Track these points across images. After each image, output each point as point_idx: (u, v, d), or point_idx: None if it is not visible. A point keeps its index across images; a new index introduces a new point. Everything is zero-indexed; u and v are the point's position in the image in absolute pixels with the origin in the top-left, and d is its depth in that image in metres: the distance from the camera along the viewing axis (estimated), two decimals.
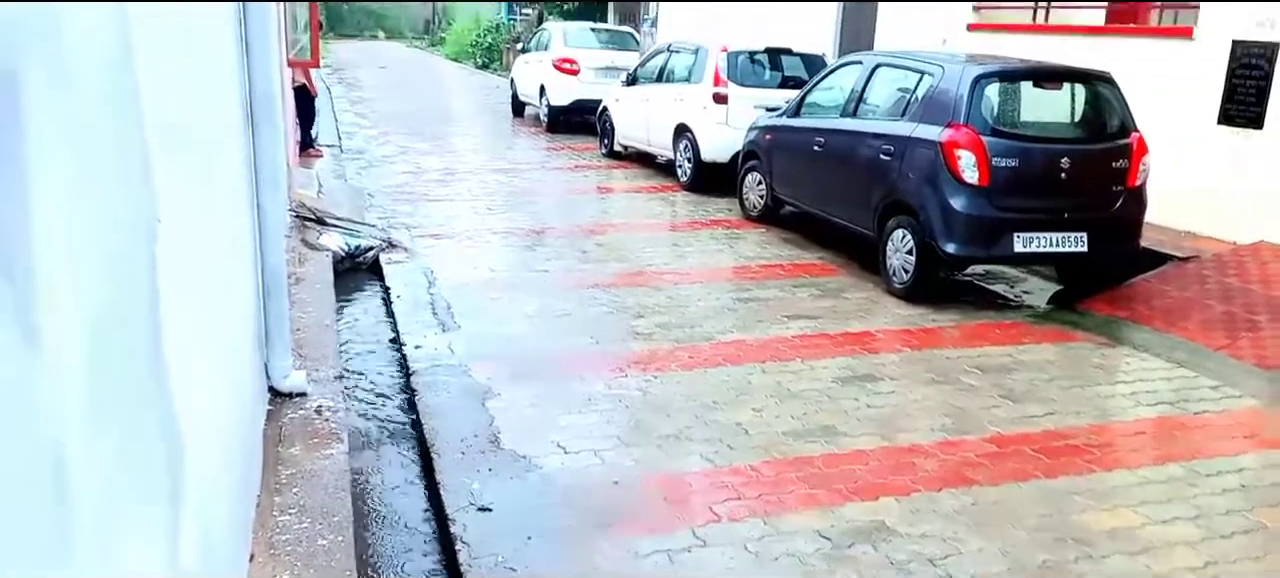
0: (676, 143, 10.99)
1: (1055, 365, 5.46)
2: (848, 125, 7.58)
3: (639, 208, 10.07)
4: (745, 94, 10.22)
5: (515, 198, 9.97)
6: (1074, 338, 5.98)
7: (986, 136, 6.29)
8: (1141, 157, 6.54)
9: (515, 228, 8.51)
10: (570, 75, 15.07)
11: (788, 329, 5.92)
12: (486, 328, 5.71)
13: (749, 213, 9.27)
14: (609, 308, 6.25)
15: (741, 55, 10.52)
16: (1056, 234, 6.36)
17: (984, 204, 6.29)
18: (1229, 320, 6.01)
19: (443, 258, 7.27)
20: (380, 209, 8.86)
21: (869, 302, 6.64)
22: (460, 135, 15.30)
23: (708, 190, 10.41)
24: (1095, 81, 6.75)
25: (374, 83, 25.66)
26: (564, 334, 5.67)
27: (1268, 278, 6.57)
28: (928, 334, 5.96)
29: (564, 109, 15.19)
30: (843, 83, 8.05)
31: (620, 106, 12.63)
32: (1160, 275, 6.90)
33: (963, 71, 6.56)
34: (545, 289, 6.61)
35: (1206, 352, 5.64)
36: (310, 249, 6.52)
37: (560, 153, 13.54)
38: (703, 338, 5.70)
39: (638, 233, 8.68)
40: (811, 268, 7.52)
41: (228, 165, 3.15)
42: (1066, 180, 6.33)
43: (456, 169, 11.66)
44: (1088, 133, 6.80)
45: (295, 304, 5.02)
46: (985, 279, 7.46)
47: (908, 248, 6.67)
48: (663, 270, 7.27)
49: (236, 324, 3.14)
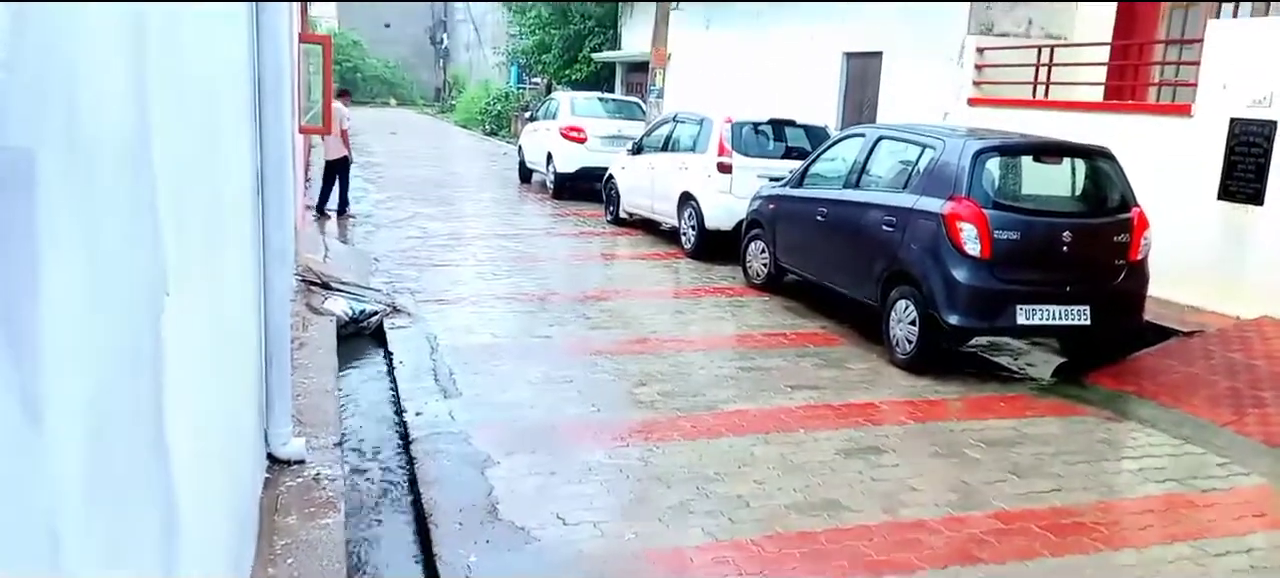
0: (681, 210, 11.08)
1: (1061, 440, 5.42)
2: (850, 196, 7.64)
3: (643, 274, 10.12)
4: (749, 164, 10.34)
5: (520, 263, 10.03)
6: (1079, 412, 5.94)
7: (988, 209, 6.34)
8: (1143, 231, 6.57)
9: (520, 293, 8.54)
10: (577, 143, 15.26)
11: (791, 399, 5.90)
12: (488, 394, 5.70)
13: (752, 281, 9.30)
14: (611, 375, 6.24)
15: (745, 126, 10.67)
16: (1059, 307, 6.36)
17: (986, 276, 6.31)
18: (1235, 396, 5.98)
19: (447, 323, 7.29)
20: (386, 273, 8.91)
21: (872, 372, 6.62)
22: (467, 201, 15.44)
23: (711, 258, 10.46)
24: (1095, 157, 6.82)
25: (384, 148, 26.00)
26: (566, 401, 5.65)
27: (1272, 354, 6.55)
28: (932, 406, 5.93)
29: (570, 176, 15.35)
30: (845, 154, 8.14)
31: (626, 174, 12.77)
32: (1165, 350, 6.88)
33: (964, 145, 6.63)
34: (548, 355, 6.61)
35: (1213, 428, 5.59)
36: (315, 314, 6.55)
37: (566, 219, 13.64)
38: (705, 407, 5.68)
39: (641, 299, 8.71)
40: (815, 337, 7.51)
41: (237, 235, 3.18)
42: (1068, 254, 6.36)
43: (463, 234, 11.75)
44: (1089, 207, 6.85)
45: (297, 369, 5.02)
46: (989, 351, 7.45)
47: (910, 318, 6.67)
48: (666, 338, 7.27)
49: (237, 393, 3.15)
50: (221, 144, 2.83)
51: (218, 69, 2.78)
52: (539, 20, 27.71)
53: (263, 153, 3.99)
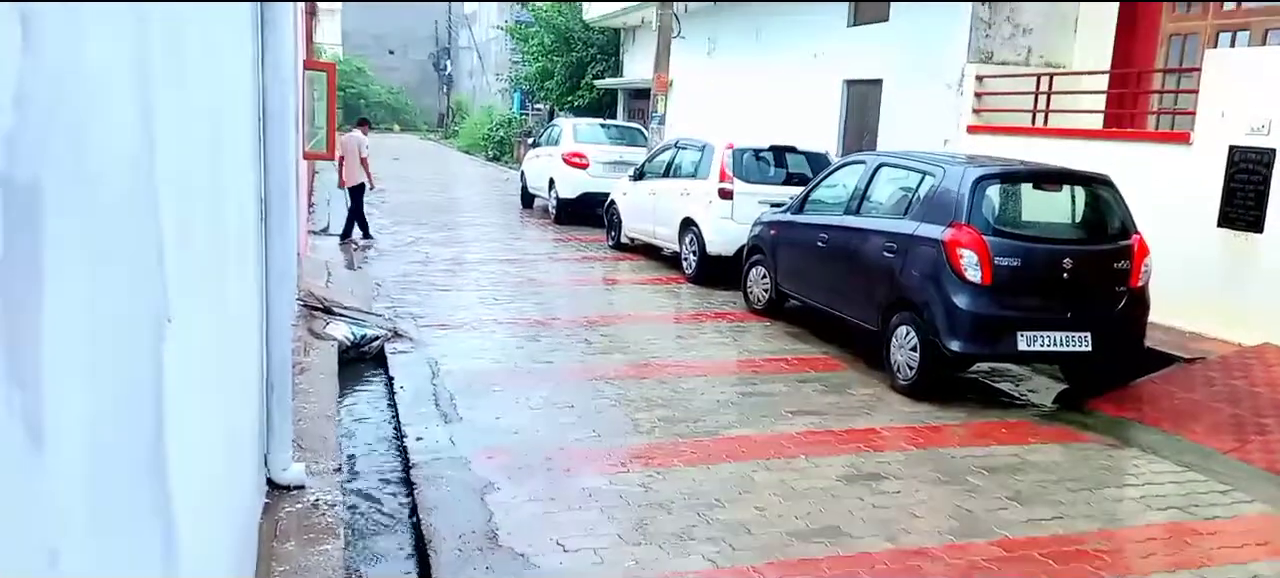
0: (682, 236, 11.11)
1: (1063, 467, 5.40)
2: (851, 222, 7.67)
3: (644, 299, 10.13)
4: (750, 190, 10.38)
5: (522, 288, 10.04)
6: (1081, 439, 5.92)
7: (988, 236, 6.36)
8: (1143, 258, 6.59)
9: (521, 318, 8.55)
10: (579, 169, 15.33)
11: (792, 425, 5.89)
12: (489, 420, 5.69)
13: (753, 306, 9.31)
14: (613, 400, 6.23)
15: (747, 152, 10.72)
16: (1060, 333, 6.36)
17: (987, 302, 6.32)
18: (1237, 423, 5.96)
19: (448, 348, 7.29)
20: (388, 298, 8.93)
21: (874, 398, 6.61)
22: (470, 226, 15.49)
23: (713, 283, 10.48)
24: (1095, 184, 6.84)
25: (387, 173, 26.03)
26: (566, 427, 5.65)
27: (1274, 381, 6.54)
28: (933, 432, 5.92)
29: (572, 201, 15.41)
30: (846, 181, 8.18)
31: (627, 200, 12.82)
32: (1166, 377, 6.87)
33: (964, 172, 6.66)
34: (549, 381, 6.61)
35: (1216, 455, 5.58)
36: (316, 339, 6.56)
37: (567, 244, 13.68)
38: (706, 433, 5.67)
39: (643, 325, 8.71)
40: (816, 362, 7.51)
41: (240, 260, 3.20)
42: (1069, 280, 6.37)
43: (465, 259, 11.78)
44: (1089, 234, 6.87)
45: (298, 394, 5.03)
46: (990, 377, 7.44)
47: (912, 344, 6.67)
48: (667, 363, 7.27)
49: (238, 419, 3.15)
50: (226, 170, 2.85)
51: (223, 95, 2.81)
52: (542, 48, 27.91)
53: (266, 178, 4.02)
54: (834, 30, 14.72)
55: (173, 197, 1.85)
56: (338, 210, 15.04)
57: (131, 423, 1.54)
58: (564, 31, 27.16)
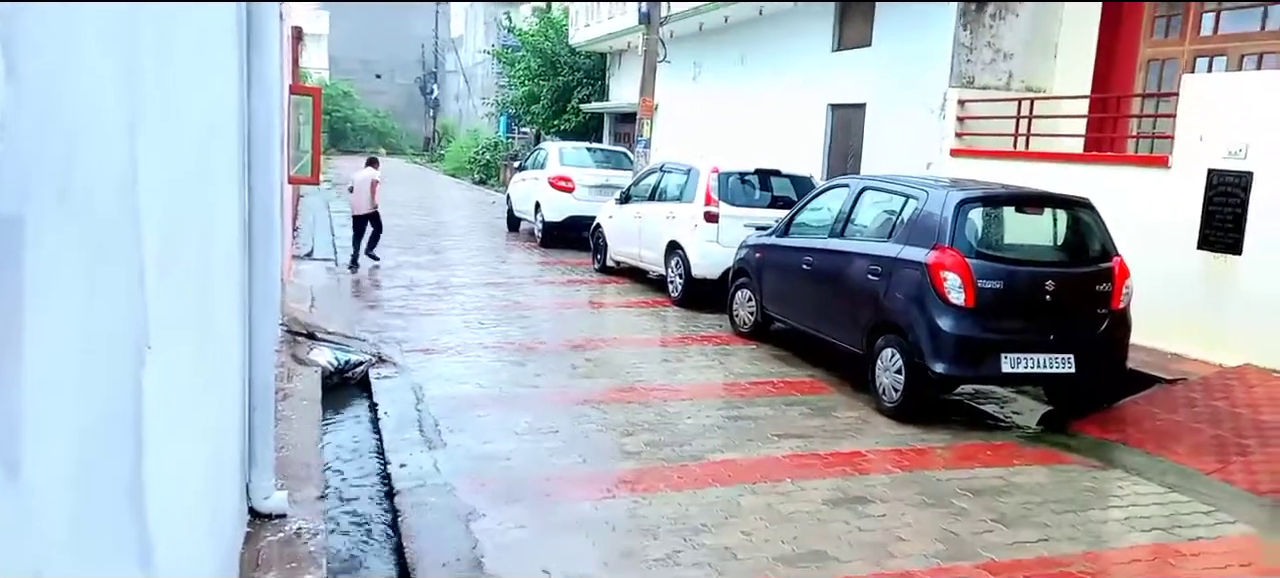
0: (668, 259, 11.13)
1: (1048, 489, 5.42)
2: (836, 245, 7.71)
3: (630, 323, 10.12)
4: (735, 213, 10.42)
5: (507, 312, 10.02)
6: (1066, 460, 5.95)
7: (971, 259, 6.40)
8: (1124, 280, 6.65)
9: (506, 342, 8.53)
10: (565, 192, 15.36)
11: (778, 448, 5.89)
12: (474, 445, 5.66)
13: (739, 329, 9.33)
14: (598, 425, 6.21)
15: (732, 176, 10.77)
16: (1043, 355, 6.40)
17: (971, 325, 6.35)
18: (1219, 444, 6.00)
19: (433, 373, 7.26)
20: (372, 323, 8.89)
21: (860, 421, 6.62)
22: (455, 249, 15.46)
23: (698, 306, 10.49)
24: (1075, 207, 6.91)
25: None
26: (552, 452, 5.62)
27: (1255, 402, 6.59)
28: (919, 455, 5.93)
29: (558, 225, 15.43)
30: (830, 204, 8.23)
31: (613, 223, 12.84)
32: (1149, 398, 6.91)
33: (946, 196, 6.72)
34: (534, 405, 6.59)
35: (1199, 476, 5.61)
36: (299, 364, 6.52)
37: (553, 267, 13.68)
38: (692, 457, 5.66)
39: (628, 348, 8.71)
40: (802, 385, 7.52)
41: (223, 286, 3.18)
42: (1051, 302, 6.41)
43: (450, 283, 11.75)
44: (1070, 256, 6.92)
45: (281, 421, 4.99)
46: (975, 399, 7.47)
47: (897, 367, 6.69)
48: (653, 386, 7.26)
49: (220, 447, 3.12)
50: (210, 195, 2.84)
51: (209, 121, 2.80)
52: (528, 72, 28.03)
53: (251, 203, 4.01)
54: (818, 55, 14.86)
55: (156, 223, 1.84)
56: (322, 235, 15.02)
57: (110, 451, 1.53)
58: (550, 56, 27.29)
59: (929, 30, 12.10)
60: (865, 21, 13.77)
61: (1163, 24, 10.60)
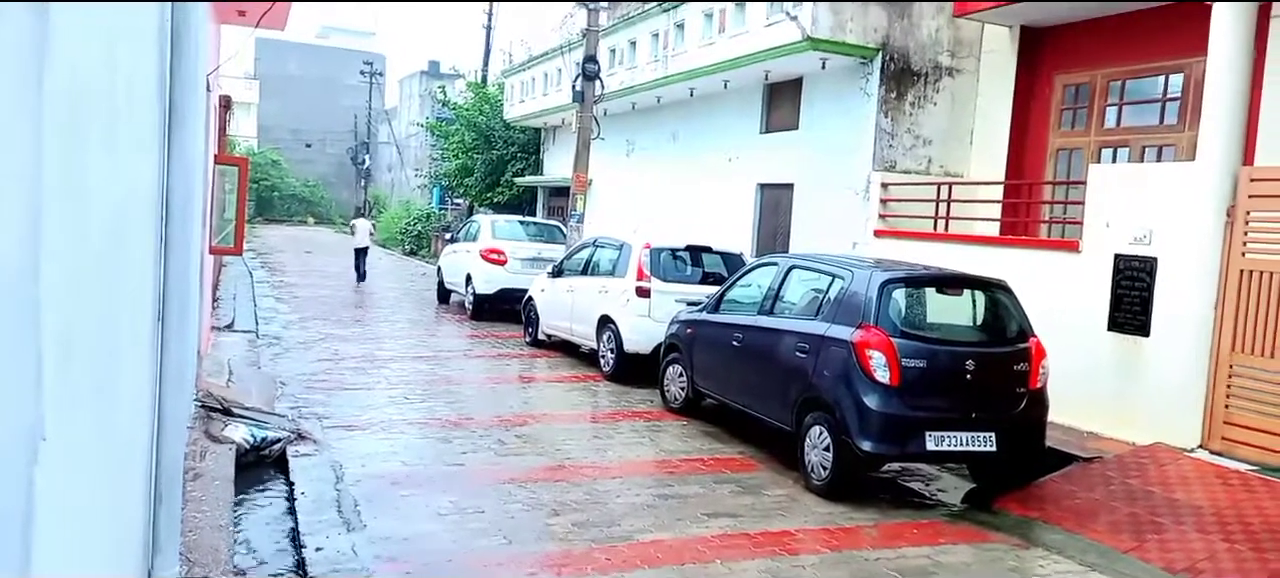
0: (600, 333, 11.12)
1: (973, 568, 5.47)
2: (765, 322, 7.80)
3: (560, 398, 10.03)
4: (667, 288, 10.50)
5: (435, 387, 9.84)
6: (989, 539, 6.03)
7: (896, 338, 6.54)
8: (1040, 360, 6.86)
9: (433, 418, 8.34)
10: (497, 265, 15.32)
11: (708, 528, 5.84)
12: (394, 527, 5.47)
13: (670, 404, 9.31)
14: (525, 505, 6.09)
15: (664, 251, 10.88)
16: (966, 433, 6.53)
17: (896, 403, 6.46)
18: (1135, 522, 6.17)
19: (354, 450, 7.05)
20: (292, 398, 8.62)
21: (789, 499, 6.63)
22: (383, 322, 15.19)
23: (630, 381, 10.46)
24: (994, 289, 7.14)
25: (298, 267, 25.59)
26: (476, 534, 5.47)
27: (1166, 480, 6.81)
28: (847, 534, 5.94)
29: (490, 297, 15.35)
30: (760, 281, 8.35)
31: (545, 297, 12.81)
32: (1067, 476, 7.09)
33: (871, 275, 6.88)
34: (460, 484, 6.43)
35: (1116, 554, 5.74)
36: (213, 441, 6.26)
37: (484, 340, 13.53)
38: (621, 538, 5.57)
39: (558, 424, 8.60)
40: (732, 462, 7.51)
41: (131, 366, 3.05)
42: (972, 382, 6.57)
43: (376, 356, 11.51)
44: (989, 337, 7.13)
45: (189, 503, 4.76)
46: (902, 476, 7.55)
47: (825, 444, 6.75)
48: (582, 464, 7.16)
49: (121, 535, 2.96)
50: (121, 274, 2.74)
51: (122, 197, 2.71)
52: (462, 145, 28.07)
53: (166, 277, 3.88)
54: (747, 136, 15.25)
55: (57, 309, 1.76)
56: (244, 306, 14.63)
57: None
58: (485, 130, 27.42)
59: (852, 116, 12.54)
60: (793, 107, 14.22)
61: (1070, 116, 11.19)
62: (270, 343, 11.84)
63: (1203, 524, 6.01)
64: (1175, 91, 9.94)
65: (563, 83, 20.13)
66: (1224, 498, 6.39)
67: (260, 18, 9.72)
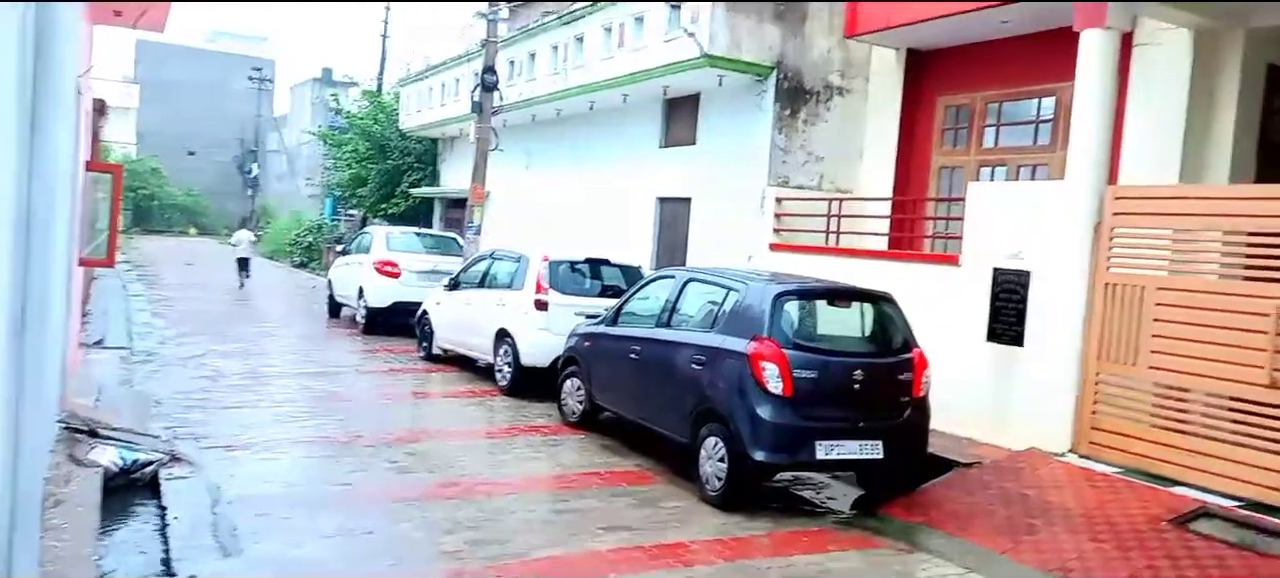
0: (497, 347, 10.97)
1: (861, 573, 5.61)
2: (662, 335, 7.85)
3: (456, 413, 9.85)
4: (566, 301, 10.45)
5: (323, 404, 9.51)
6: (876, 544, 6.20)
7: (788, 349, 6.67)
8: (923, 370, 7.11)
9: (320, 437, 8.06)
10: (391, 277, 14.97)
11: (603, 542, 5.81)
12: (276, 551, 5.25)
13: (568, 418, 9.25)
14: (416, 524, 5.93)
15: (563, 264, 10.83)
16: (854, 442, 6.70)
17: (788, 413, 6.58)
18: (1011, 524, 6.45)
19: (234, 472, 6.73)
20: (168, 418, 8.18)
21: (684, 511, 6.66)
22: (269, 337, 14.62)
23: (527, 395, 10.36)
24: (880, 301, 7.38)
25: (177, 280, 24.45)
26: (363, 556, 5.30)
27: (1040, 483, 7.16)
28: (740, 544, 6.01)
29: (383, 311, 14.99)
30: (657, 294, 8.40)
31: (441, 310, 12.58)
32: (948, 481, 7.36)
33: (765, 288, 7.01)
34: (347, 505, 6.22)
35: (994, 556, 5.98)
36: (78, 465, 5.87)
37: (376, 355, 13.18)
38: (515, 555, 5.48)
39: (453, 440, 8.43)
40: (629, 475, 7.51)
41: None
42: (860, 391, 6.76)
43: (261, 373, 11.06)
44: (876, 348, 7.35)
45: (49, 532, 4.45)
46: (794, 485, 7.70)
47: (720, 455, 6.82)
48: (477, 481, 7.04)
49: None
50: None
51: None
52: (356, 154, 27.38)
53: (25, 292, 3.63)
54: (646, 150, 15.37)
55: None
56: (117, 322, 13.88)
57: None
58: (379, 139, 26.82)
59: (748, 132, 12.79)
60: (691, 122, 14.41)
61: (952, 135, 11.70)
62: (145, 360, 11.23)
63: (1073, 525, 6.33)
64: (1047, 114, 10.51)
65: (461, 93, 19.89)
66: (1092, 500, 6.75)
67: (137, 18, 9.27)
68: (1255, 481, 6.50)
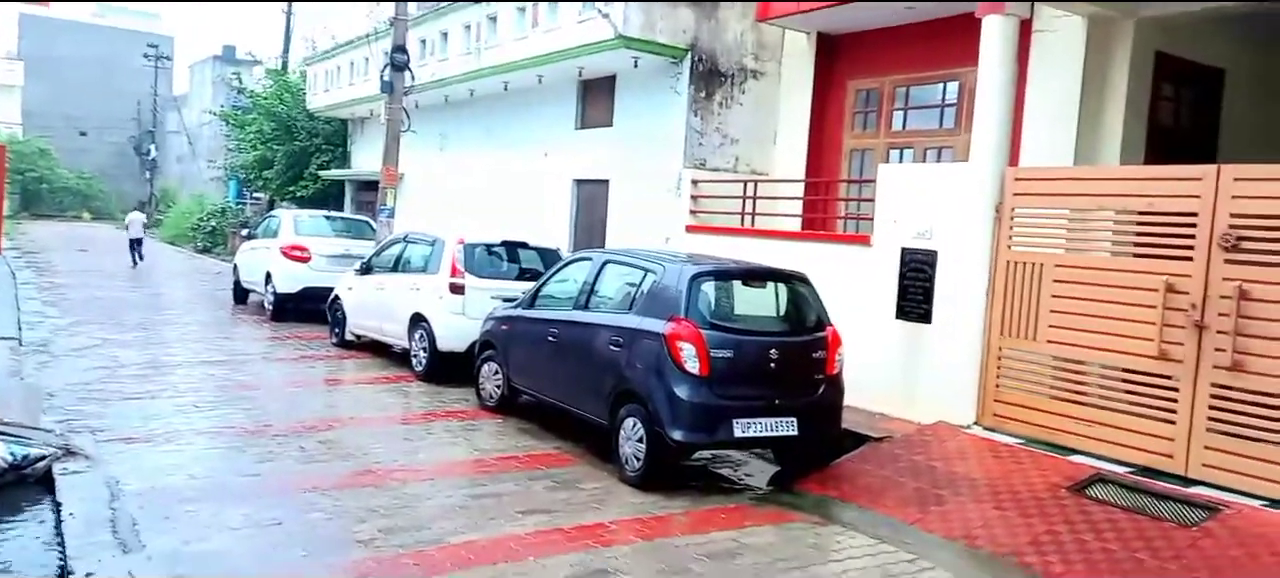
0: (412, 332, 10.77)
1: (776, 548, 5.71)
2: (580, 317, 7.82)
3: (369, 400, 9.63)
4: (482, 285, 10.32)
5: (229, 393, 9.18)
6: (791, 518, 6.32)
7: (705, 329, 6.73)
8: (836, 347, 7.26)
9: (226, 426, 7.78)
10: (300, 262, 14.54)
11: (522, 526, 5.77)
12: (179, 546, 5.04)
13: (486, 403, 9.15)
14: (328, 513, 5.78)
15: (479, 247, 10.68)
16: (770, 419, 6.81)
17: (705, 392, 6.64)
18: (920, 496, 6.65)
19: (134, 465, 6.44)
20: (62, 411, 7.77)
21: (604, 492, 6.67)
22: (171, 325, 14.04)
23: (444, 380, 10.20)
24: (795, 281, 7.50)
25: (70, 267, 23.26)
26: (272, 547, 5.13)
27: (947, 455, 7.40)
28: (659, 523, 6.05)
29: (293, 297, 14.57)
30: (575, 276, 8.36)
31: (353, 295, 12.27)
32: (860, 455, 7.55)
33: (682, 269, 7.04)
34: (256, 495, 6.02)
35: (903, 526, 6.17)
36: None
37: (285, 343, 12.79)
38: (431, 541, 5.40)
39: (366, 427, 8.24)
40: (547, 458, 7.47)
41: None
42: (775, 370, 6.87)
43: (162, 362, 10.62)
44: (791, 327, 7.46)
45: None
46: (713, 463, 7.78)
47: (638, 436, 6.84)
48: (392, 468, 6.90)
49: None
50: None
51: None
52: (261, 135, 26.41)
53: None
54: (563, 132, 15.25)
55: None
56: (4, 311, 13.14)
57: None
58: (286, 119, 25.93)
59: (664, 115, 12.81)
60: (607, 104, 14.35)
61: (862, 118, 11.95)
62: (36, 351, 10.65)
63: (978, 494, 6.57)
64: (952, 98, 10.82)
65: (371, 72, 19.34)
66: (996, 469, 7.02)
67: None
68: (1146, 448, 6.85)
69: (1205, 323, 6.52)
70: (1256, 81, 9.82)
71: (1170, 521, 5.90)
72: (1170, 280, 6.71)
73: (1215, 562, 5.36)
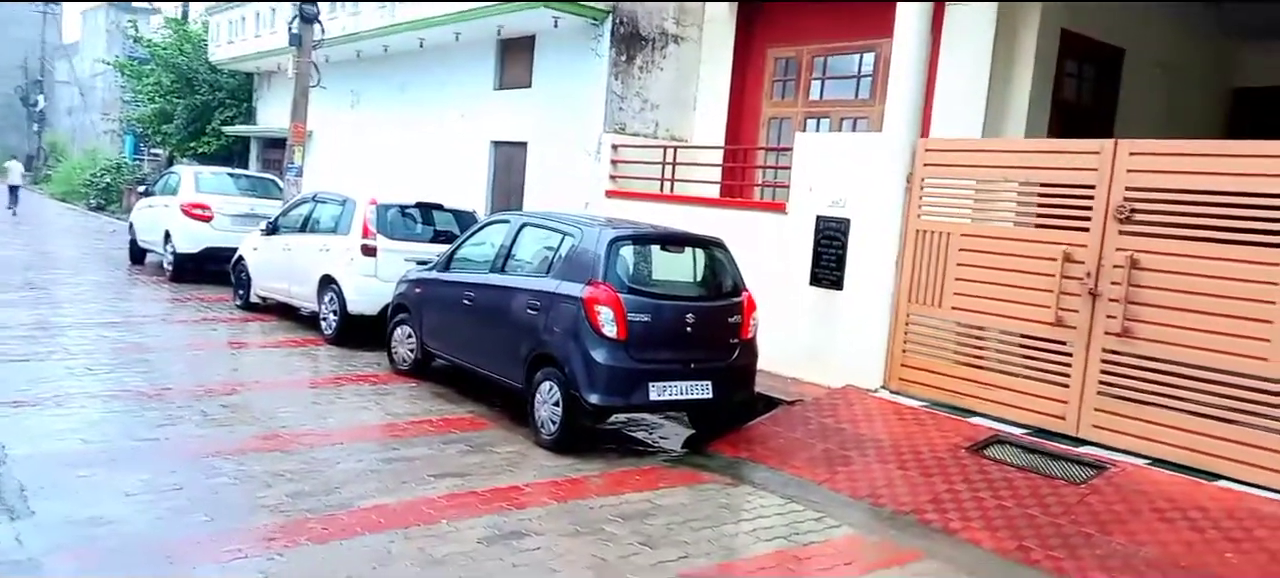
0: (321, 295, 10.48)
1: (688, 508, 5.79)
2: (496, 280, 7.72)
3: (276, 364, 9.35)
4: (395, 247, 10.10)
5: (125, 355, 8.78)
6: (703, 479, 6.42)
7: (623, 294, 6.73)
8: (751, 312, 7.36)
9: (123, 390, 7.44)
10: (202, 221, 13.96)
11: (434, 489, 5.71)
12: (71, 511, 4.81)
13: (398, 367, 8.99)
14: (232, 478, 5.60)
15: (392, 208, 10.43)
16: (685, 383, 6.88)
17: (623, 356, 6.66)
18: (828, 456, 6.83)
19: (20, 430, 6.11)
20: None
21: (518, 455, 6.64)
22: (62, 285, 13.33)
23: (355, 344, 9.98)
24: (711, 246, 7.55)
25: None
26: (172, 513, 4.94)
27: (855, 417, 7.61)
28: (573, 485, 6.06)
29: (193, 257, 14.02)
30: (492, 239, 8.25)
31: (259, 256, 11.86)
32: (773, 418, 7.70)
33: (600, 233, 7.01)
34: (153, 460, 5.78)
35: (811, 485, 6.33)
36: None
37: (186, 304, 12.30)
38: (341, 505, 5.28)
39: (273, 391, 8.01)
40: (461, 422, 7.39)
41: None
42: (691, 334, 6.92)
43: (52, 323, 10.08)
44: (707, 292, 7.53)
45: None
46: (628, 426, 7.83)
47: (554, 399, 6.83)
48: (299, 432, 6.72)
49: None
50: None
51: None
52: (159, 87, 25.13)
53: None
54: (481, 92, 14.95)
55: None
56: None
57: None
58: (186, 72, 24.72)
59: (585, 77, 12.68)
60: (526, 65, 14.12)
61: (781, 87, 12.05)
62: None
63: (882, 455, 6.78)
64: (868, 69, 11.01)
65: (278, 24, 18.58)
66: (900, 431, 7.25)
67: None
68: (1040, 410, 7.17)
69: (1099, 291, 6.83)
70: (1153, 61, 10.28)
71: (1061, 479, 6.20)
72: (1068, 250, 7.00)
73: (1101, 517, 5.66)
